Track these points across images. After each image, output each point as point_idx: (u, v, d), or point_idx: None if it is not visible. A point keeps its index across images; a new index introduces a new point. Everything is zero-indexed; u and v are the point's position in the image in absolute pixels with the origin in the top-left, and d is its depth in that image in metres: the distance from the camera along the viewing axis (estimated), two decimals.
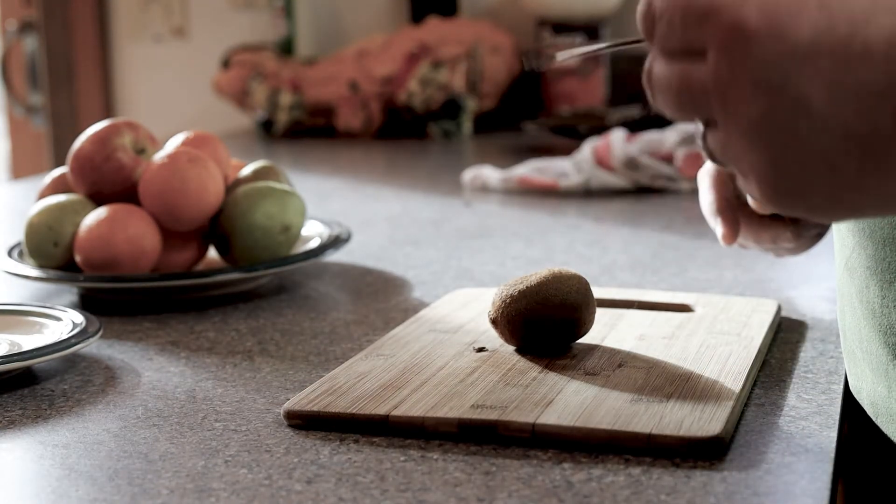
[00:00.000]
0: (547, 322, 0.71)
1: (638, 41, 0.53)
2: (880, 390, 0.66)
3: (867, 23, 0.44)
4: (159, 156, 0.96)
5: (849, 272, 0.69)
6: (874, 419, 0.68)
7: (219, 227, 0.96)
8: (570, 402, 0.64)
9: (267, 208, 0.95)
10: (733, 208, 0.87)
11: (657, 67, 0.50)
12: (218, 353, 0.80)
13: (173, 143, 1.00)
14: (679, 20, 0.48)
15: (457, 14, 2.23)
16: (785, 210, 0.48)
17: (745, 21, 0.46)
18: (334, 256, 1.07)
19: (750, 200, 0.86)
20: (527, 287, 0.72)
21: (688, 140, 1.43)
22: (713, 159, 0.50)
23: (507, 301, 0.72)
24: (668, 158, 1.42)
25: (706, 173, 0.91)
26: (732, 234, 0.86)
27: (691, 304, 0.83)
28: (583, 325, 0.73)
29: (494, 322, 0.73)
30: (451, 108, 2.02)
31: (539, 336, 0.72)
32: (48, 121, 2.67)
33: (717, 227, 0.87)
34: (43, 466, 0.61)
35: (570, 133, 1.82)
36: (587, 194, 1.41)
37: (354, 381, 0.68)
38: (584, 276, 0.74)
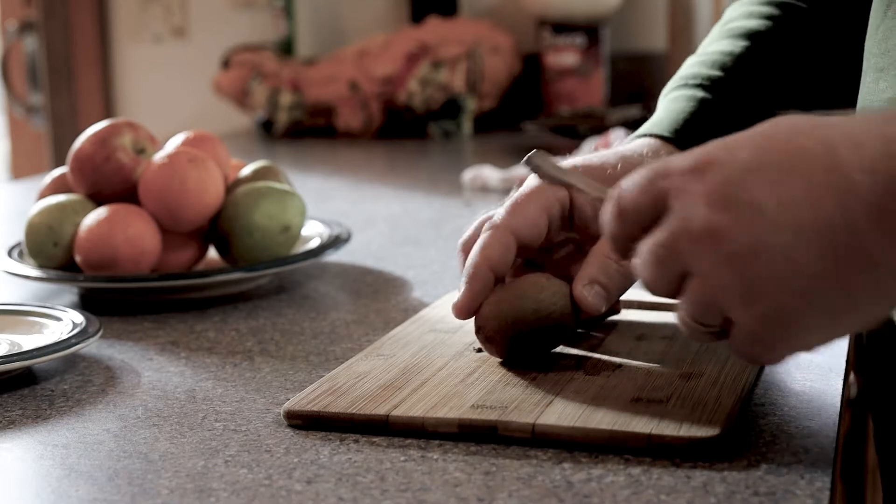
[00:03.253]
0: (529, 338, 0.70)
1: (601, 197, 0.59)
2: None
3: None
4: (159, 156, 0.96)
5: None
6: None
7: (219, 227, 0.96)
8: (570, 402, 0.64)
9: (267, 208, 0.95)
10: None
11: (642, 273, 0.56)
12: (218, 353, 0.80)
13: (173, 143, 1.00)
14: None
15: (457, 14, 2.23)
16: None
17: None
18: (334, 256, 1.07)
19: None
20: (502, 309, 0.69)
21: None
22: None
23: (490, 321, 0.70)
24: None
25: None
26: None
27: None
28: (568, 330, 0.71)
29: (483, 345, 0.72)
30: (451, 108, 2.02)
31: (526, 351, 0.70)
32: (48, 121, 2.67)
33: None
34: (43, 466, 0.61)
35: (570, 133, 1.81)
36: None
37: (354, 382, 0.68)
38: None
